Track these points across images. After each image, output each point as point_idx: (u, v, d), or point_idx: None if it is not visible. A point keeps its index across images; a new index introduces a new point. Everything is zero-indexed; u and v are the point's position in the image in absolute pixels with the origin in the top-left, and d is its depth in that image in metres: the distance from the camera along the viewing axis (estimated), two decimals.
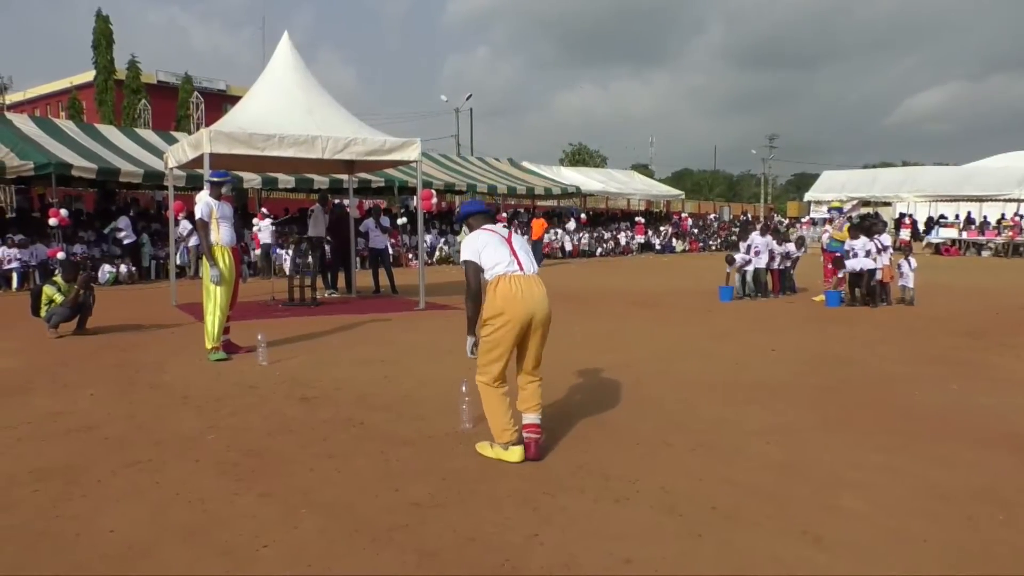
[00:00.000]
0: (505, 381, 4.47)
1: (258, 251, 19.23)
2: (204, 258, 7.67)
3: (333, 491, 3.95)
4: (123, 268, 17.21)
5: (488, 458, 4.43)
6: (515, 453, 4.38)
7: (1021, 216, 31.64)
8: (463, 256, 4.55)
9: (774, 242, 14.03)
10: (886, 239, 13.00)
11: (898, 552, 3.29)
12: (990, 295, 14.35)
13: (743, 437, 4.93)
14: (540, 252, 23.34)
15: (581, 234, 30.52)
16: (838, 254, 13.05)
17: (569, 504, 3.78)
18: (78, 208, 21.31)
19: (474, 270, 4.50)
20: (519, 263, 4.45)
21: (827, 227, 14.09)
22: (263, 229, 18.89)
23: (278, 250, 19.01)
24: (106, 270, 16.70)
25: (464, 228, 4.99)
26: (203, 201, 7.71)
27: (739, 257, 13.77)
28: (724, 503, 3.79)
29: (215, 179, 7.94)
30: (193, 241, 17.91)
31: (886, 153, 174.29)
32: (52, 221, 16.33)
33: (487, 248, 4.47)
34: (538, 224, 24.51)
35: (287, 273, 17.42)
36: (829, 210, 14.46)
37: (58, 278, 9.36)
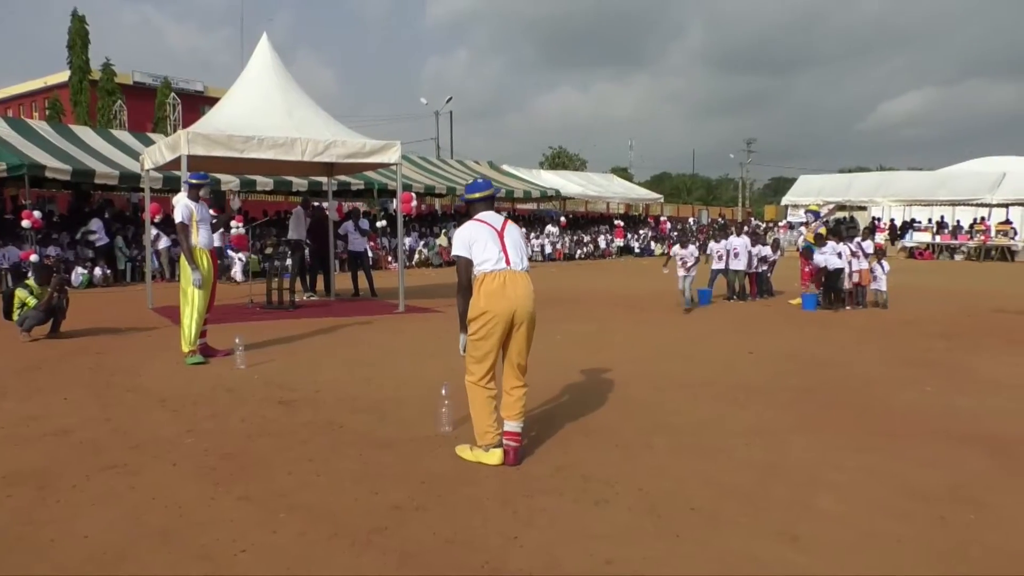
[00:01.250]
0: (493, 380, 4.46)
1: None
2: (184, 261, 7.60)
3: (312, 494, 3.93)
4: (97, 271, 17.00)
5: (468, 461, 4.43)
6: (495, 456, 4.38)
7: (984, 219, 32.18)
8: (454, 250, 4.54)
9: (753, 245, 14.12)
10: (868, 245, 13.15)
11: (873, 552, 3.33)
12: (963, 298, 14.57)
13: (722, 438, 4.97)
14: None
15: (563, 237, 30.50)
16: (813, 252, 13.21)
17: (549, 506, 3.79)
18: (51, 210, 20.99)
19: (465, 265, 4.48)
20: (507, 259, 4.45)
21: (803, 229, 14.21)
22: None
23: (229, 253, 18.62)
24: (79, 272, 16.49)
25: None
26: (182, 203, 7.63)
27: (685, 250, 12.59)
28: (703, 503, 3.82)
29: (194, 181, 7.86)
30: (162, 244, 17.67)
31: (862, 158, 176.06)
32: (25, 223, 16.07)
33: (477, 243, 4.45)
34: None
35: (236, 280, 17.21)
36: (806, 212, 14.60)
37: (31, 281, 9.23)
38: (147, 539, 3.39)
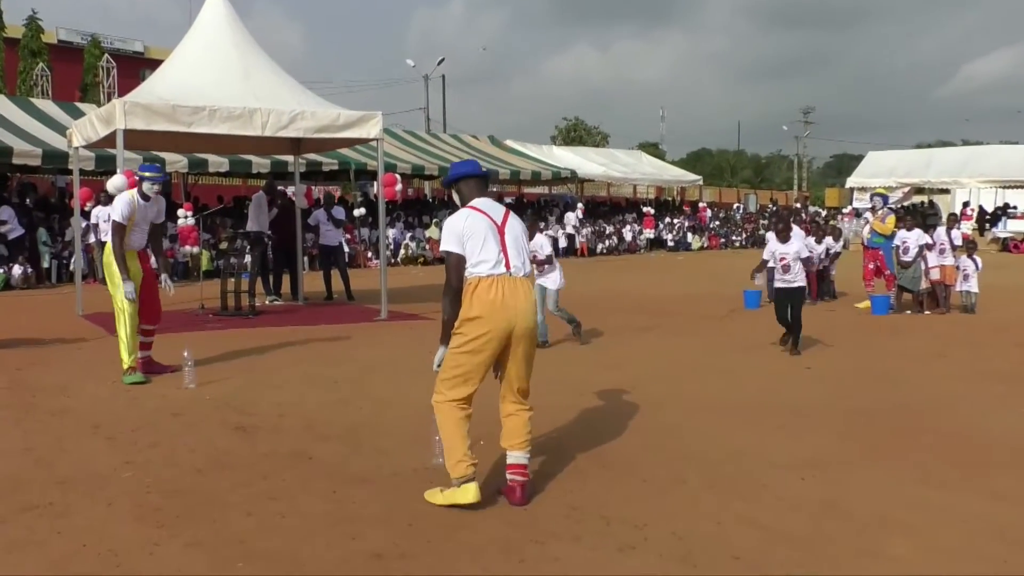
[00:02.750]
0: (469, 402, 4.46)
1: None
2: (108, 263, 7.56)
3: (276, 540, 3.95)
4: (16, 269, 17.08)
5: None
6: (469, 492, 4.29)
7: None
8: (443, 245, 4.53)
9: (810, 238, 14.09)
10: (956, 236, 13.13)
11: None
12: None
13: (770, 471, 4.98)
14: None
15: (584, 227, 30.35)
16: (881, 252, 13.19)
17: (562, 554, 3.80)
18: None
19: (456, 263, 4.48)
20: (507, 262, 4.45)
21: (868, 216, 14.08)
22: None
23: None
24: None
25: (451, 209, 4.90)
26: (124, 200, 7.53)
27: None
28: (748, 551, 3.83)
29: (147, 174, 7.63)
30: (93, 237, 17.53)
31: (943, 130, 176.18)
32: None
33: (473, 238, 4.44)
34: None
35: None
36: (872, 196, 14.51)
37: None
38: None
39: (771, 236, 12.02)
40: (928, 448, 5.48)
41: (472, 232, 4.45)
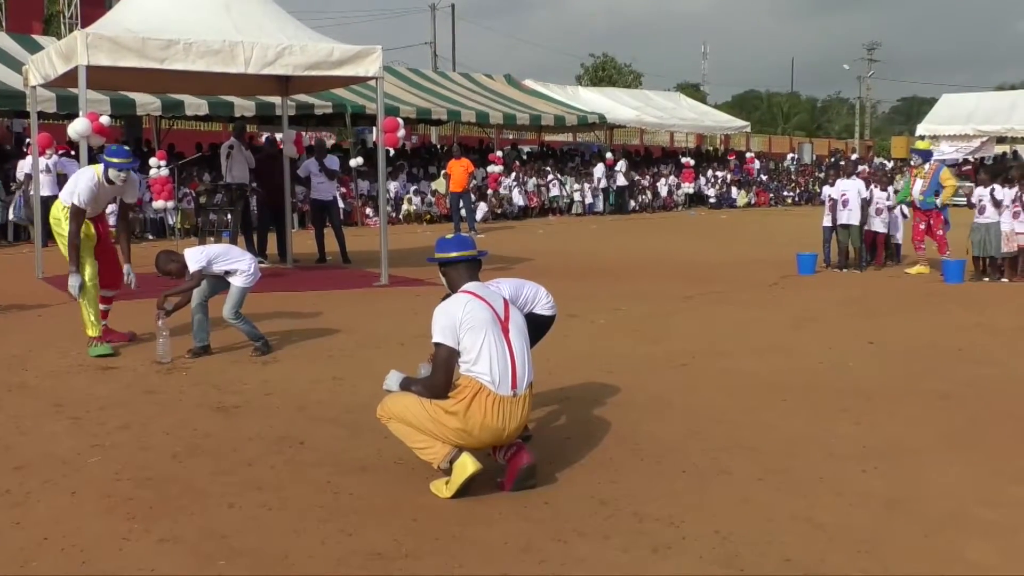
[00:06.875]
0: None
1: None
2: (60, 234, 7.63)
3: (262, 536, 3.97)
4: None
5: (458, 494, 4.35)
6: (464, 464, 4.27)
7: None
8: (435, 335, 4.39)
9: (873, 188, 13.95)
10: None
11: None
12: None
13: (828, 462, 4.96)
14: (471, 211, 21.25)
15: (616, 178, 29.69)
16: (936, 210, 13.16)
17: (589, 555, 3.80)
18: None
19: (448, 359, 4.38)
20: (514, 378, 4.37)
21: (912, 172, 13.90)
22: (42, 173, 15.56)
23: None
24: None
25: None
26: (86, 183, 7.42)
27: None
28: (801, 553, 3.81)
29: (115, 160, 7.49)
30: (45, 190, 16.83)
31: None
32: None
33: (472, 331, 4.35)
34: (459, 168, 20.75)
35: None
36: (912, 152, 14.37)
37: None
38: None
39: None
40: (1010, 437, 5.44)
41: (472, 324, 4.36)
